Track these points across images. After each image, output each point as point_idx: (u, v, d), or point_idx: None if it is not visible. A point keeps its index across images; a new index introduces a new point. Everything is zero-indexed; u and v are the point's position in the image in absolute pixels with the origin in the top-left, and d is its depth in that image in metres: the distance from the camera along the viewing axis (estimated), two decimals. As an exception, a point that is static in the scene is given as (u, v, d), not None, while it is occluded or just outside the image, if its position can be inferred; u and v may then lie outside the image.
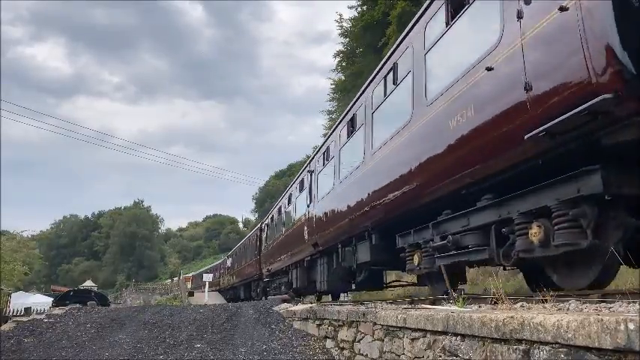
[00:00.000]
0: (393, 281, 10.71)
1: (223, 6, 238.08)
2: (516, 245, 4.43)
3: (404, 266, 7.06)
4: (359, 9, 29.59)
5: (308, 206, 12.02)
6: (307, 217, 11.97)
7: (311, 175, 12.22)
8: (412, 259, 6.60)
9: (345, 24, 30.94)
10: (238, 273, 28.43)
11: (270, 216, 19.43)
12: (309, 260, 12.41)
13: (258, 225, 23.29)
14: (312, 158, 12.34)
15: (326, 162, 10.78)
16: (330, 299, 13.88)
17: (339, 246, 9.61)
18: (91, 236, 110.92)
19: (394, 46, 7.18)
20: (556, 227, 3.94)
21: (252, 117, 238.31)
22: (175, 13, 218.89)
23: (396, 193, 6.57)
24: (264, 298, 19.13)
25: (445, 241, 5.51)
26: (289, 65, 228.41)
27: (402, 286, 10.59)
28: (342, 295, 14.81)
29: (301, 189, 13.40)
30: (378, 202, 7.25)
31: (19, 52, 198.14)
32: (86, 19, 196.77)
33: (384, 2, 24.76)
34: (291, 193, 15.20)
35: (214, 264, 49.93)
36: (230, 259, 33.62)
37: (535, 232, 4.15)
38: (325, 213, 10.39)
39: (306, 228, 11.97)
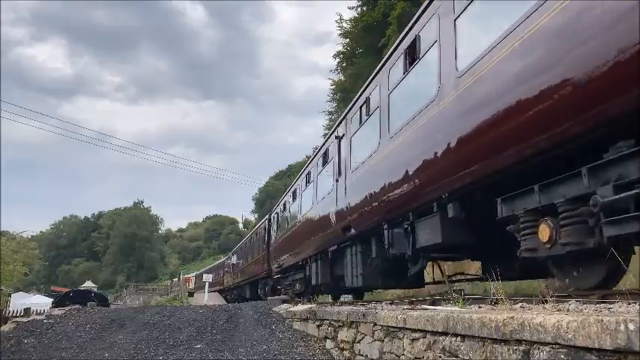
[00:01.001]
0: (456, 274, 8.07)
1: (224, 6, 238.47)
2: None
3: (505, 247, 5.00)
4: (359, 10, 29.62)
5: (337, 181, 9.62)
6: (335, 194, 9.63)
7: (339, 141, 9.72)
8: (536, 233, 4.17)
9: (345, 24, 30.99)
10: (243, 271, 26.55)
11: (282, 203, 16.88)
12: (334, 250, 10.08)
13: (267, 216, 20.95)
14: (343, 119, 9.80)
15: (365, 117, 8.27)
16: (346, 299, 12.25)
17: (385, 227, 7.17)
18: (90, 237, 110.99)
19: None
20: None
21: (252, 117, 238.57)
22: (176, 14, 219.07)
23: (518, 123, 4.08)
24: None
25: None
26: (290, 66, 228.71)
27: (467, 280, 8.01)
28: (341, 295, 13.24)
29: (325, 162, 10.90)
30: (470, 148, 4.83)
31: (19, 53, 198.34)
32: (87, 20, 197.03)
33: (383, 3, 24.77)
34: (309, 172, 12.58)
35: (217, 262, 47.79)
36: (234, 255, 31.32)
37: None
38: (364, 185, 7.97)
39: (333, 209, 9.68)
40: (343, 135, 9.55)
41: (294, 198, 14.63)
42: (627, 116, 3.19)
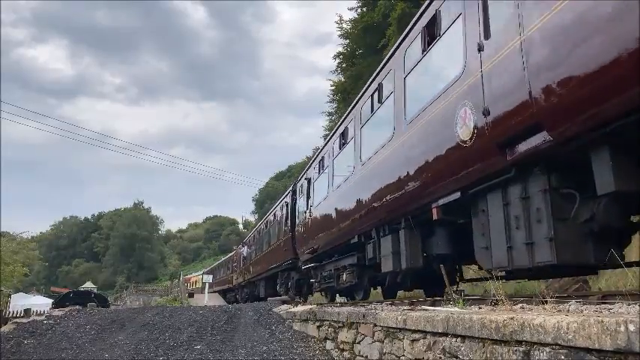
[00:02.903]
0: None
1: (225, 7, 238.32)
2: None
3: None
4: (359, 10, 29.65)
5: (479, 51, 4.54)
6: (478, 79, 4.50)
7: None
8: None
9: (345, 25, 31.01)
10: (257, 263, 21.50)
11: (318, 160, 11.71)
12: (447, 207, 5.40)
13: (289, 188, 16.27)
14: None
15: None
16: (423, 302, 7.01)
17: None
18: (90, 237, 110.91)
19: None
20: None
21: (252, 118, 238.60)
22: (177, 15, 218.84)
23: None
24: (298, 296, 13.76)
25: None
26: (290, 67, 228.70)
27: None
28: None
29: (432, 38, 5.75)
30: None
31: (20, 54, 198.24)
32: (88, 21, 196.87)
33: (383, 4, 24.80)
34: (380, 84, 7.44)
35: (225, 258, 42.69)
36: (246, 247, 26.03)
37: None
38: None
39: (468, 109, 4.65)
40: None
41: (343, 142, 9.57)
42: None
